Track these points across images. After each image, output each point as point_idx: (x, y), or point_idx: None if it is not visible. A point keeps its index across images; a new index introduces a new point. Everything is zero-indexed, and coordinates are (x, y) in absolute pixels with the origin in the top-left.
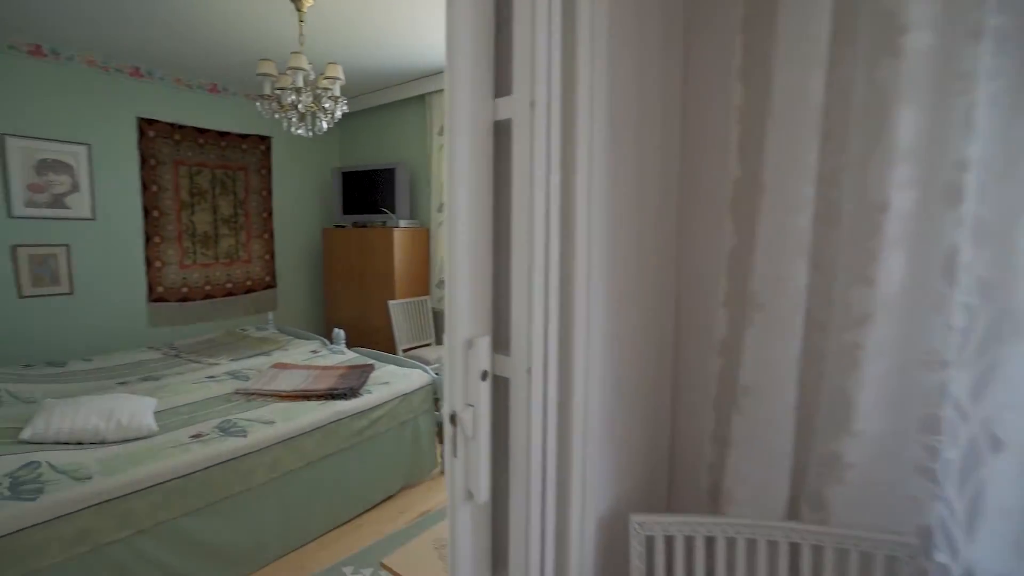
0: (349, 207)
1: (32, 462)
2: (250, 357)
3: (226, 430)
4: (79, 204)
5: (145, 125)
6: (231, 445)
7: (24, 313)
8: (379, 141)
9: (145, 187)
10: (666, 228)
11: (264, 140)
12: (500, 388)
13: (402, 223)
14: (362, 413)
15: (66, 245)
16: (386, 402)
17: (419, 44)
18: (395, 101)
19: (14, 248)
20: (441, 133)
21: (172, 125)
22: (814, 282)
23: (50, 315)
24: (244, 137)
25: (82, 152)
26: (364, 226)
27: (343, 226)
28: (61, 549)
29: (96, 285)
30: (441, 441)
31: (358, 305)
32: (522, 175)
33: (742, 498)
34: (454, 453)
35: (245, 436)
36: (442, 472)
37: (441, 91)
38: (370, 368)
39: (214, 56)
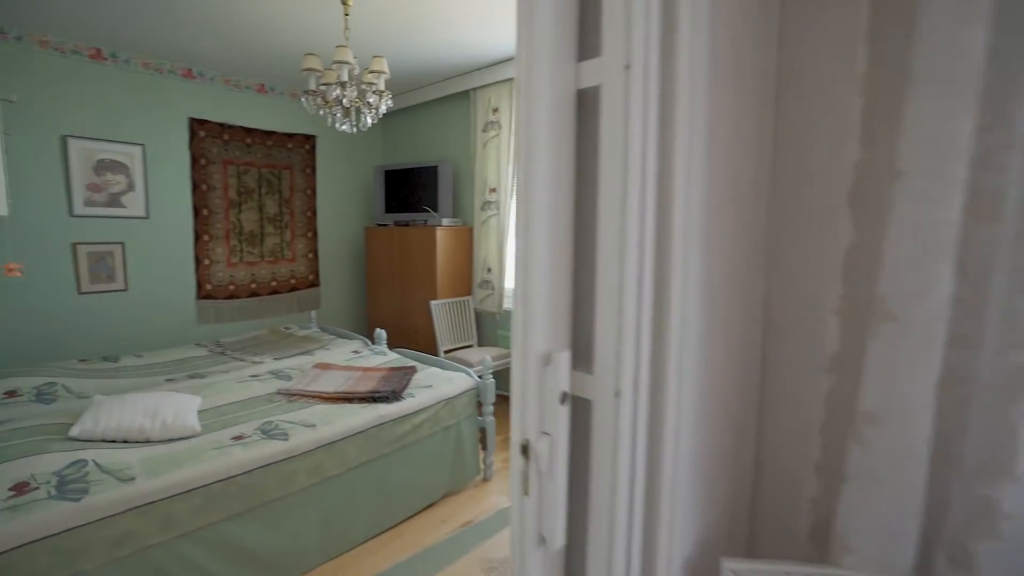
0: (391, 205)
1: (79, 460)
2: (293, 356)
3: (268, 432)
4: (134, 203)
5: (196, 125)
6: (272, 448)
7: (82, 309)
8: (422, 139)
9: (195, 186)
10: (756, 220)
11: (309, 139)
12: (579, 413)
13: (445, 222)
14: (404, 417)
15: (121, 243)
16: (429, 406)
17: (467, 37)
18: (439, 98)
19: (74, 246)
20: (485, 130)
21: (221, 125)
22: (960, 289)
23: (106, 311)
24: (290, 136)
25: (137, 152)
26: (406, 225)
27: (385, 225)
28: (103, 551)
29: (148, 282)
30: (484, 447)
31: (399, 304)
32: (613, 155)
33: (859, 545)
34: (525, 491)
35: (286, 439)
36: (485, 479)
37: (487, 86)
38: (412, 370)
39: (262, 55)
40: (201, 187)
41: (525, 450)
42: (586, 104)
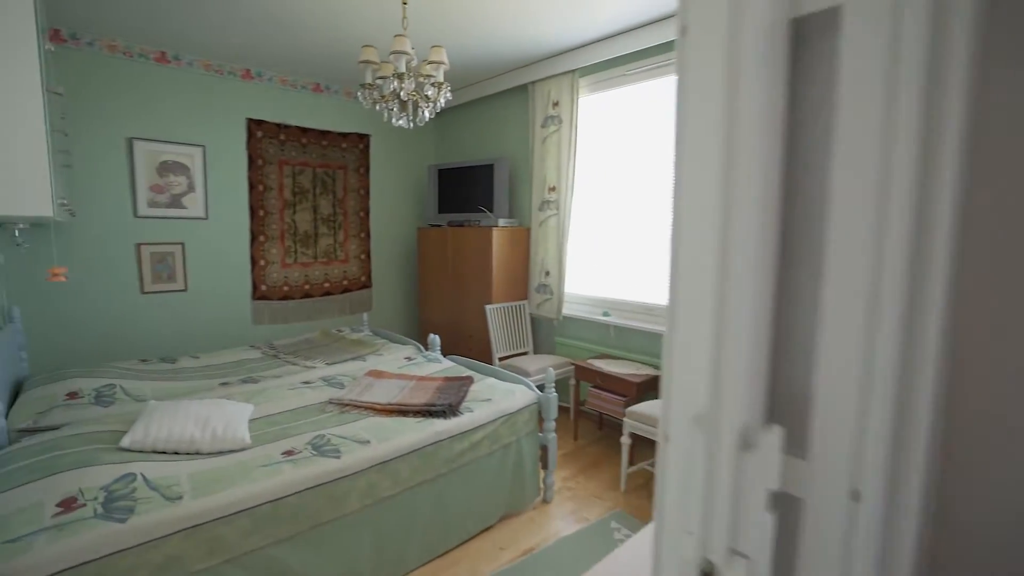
0: (445, 205)
1: (128, 474)
2: (345, 361)
3: (319, 448)
4: (194, 204)
5: (254, 126)
6: (324, 467)
7: (145, 308)
8: (477, 136)
9: (252, 187)
10: None
11: (363, 138)
12: (784, 517)
13: (501, 222)
14: (462, 434)
15: (181, 243)
16: (488, 423)
17: (526, 29)
18: (495, 93)
19: (138, 246)
20: (544, 125)
21: (278, 125)
22: None
23: (166, 311)
24: (344, 136)
25: (197, 153)
26: (460, 225)
27: (438, 225)
28: None
29: (206, 282)
30: (544, 466)
31: (452, 308)
32: (862, 118)
33: None
34: None
35: (339, 457)
36: (545, 500)
37: (547, 79)
38: (469, 381)
39: (318, 52)
40: (258, 188)
41: None
42: (806, 42)
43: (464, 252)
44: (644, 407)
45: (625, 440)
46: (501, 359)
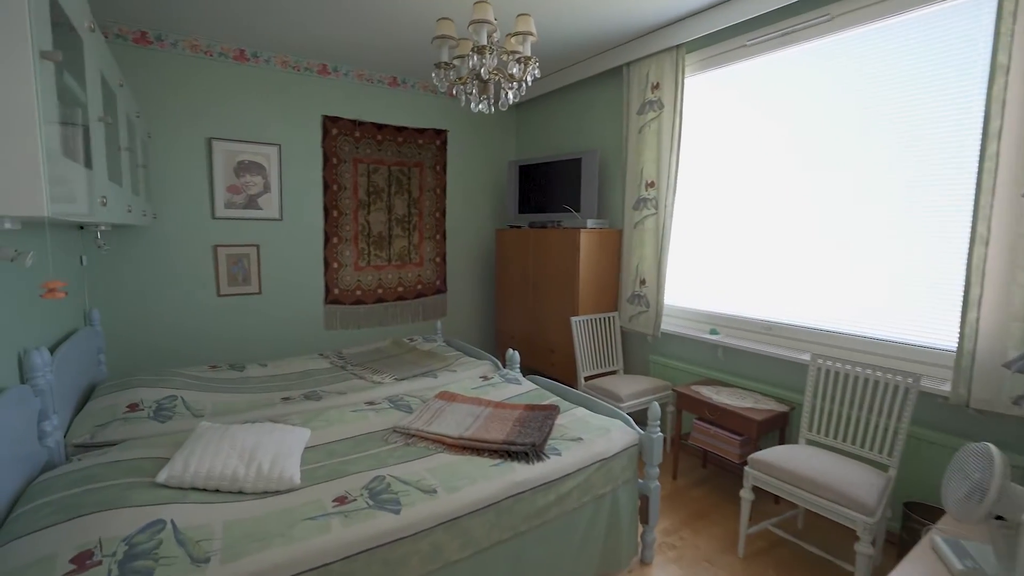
0: (526, 205)
1: (157, 521)
2: (415, 377)
3: (376, 496)
4: (269, 205)
5: (329, 123)
6: (380, 524)
7: (220, 311)
8: (562, 129)
9: (327, 187)
10: None
11: (440, 134)
12: None
13: (589, 223)
14: (548, 485)
15: (256, 245)
16: (579, 470)
17: (619, 2)
18: (582, 79)
19: (215, 248)
20: (641, 112)
21: (353, 122)
22: None
23: (240, 314)
24: (421, 132)
25: (273, 153)
26: (543, 227)
27: (518, 226)
28: None
29: (279, 285)
30: (644, 520)
31: (532, 318)
32: None
33: None
34: None
35: (398, 512)
36: (643, 561)
37: (645, 59)
38: (555, 412)
39: (395, 43)
40: (332, 187)
41: None
42: None
43: (547, 256)
44: (772, 456)
45: (747, 495)
46: (587, 378)
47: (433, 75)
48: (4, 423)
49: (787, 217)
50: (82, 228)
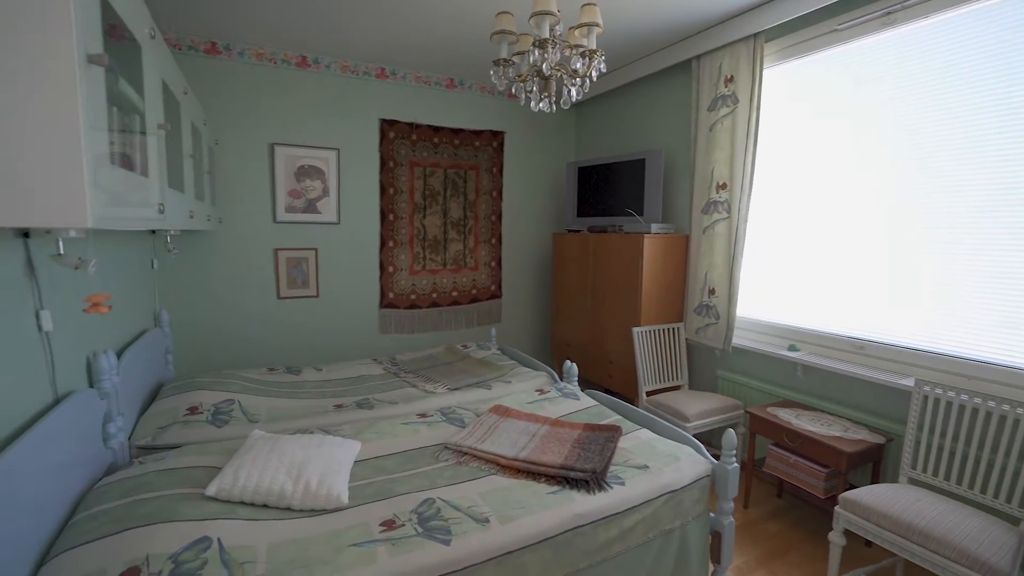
0: (585, 208)
1: (203, 539)
2: (468, 388)
3: (426, 522)
4: (327, 209)
5: (386, 126)
6: (429, 557)
7: (279, 314)
8: (624, 128)
9: (383, 190)
10: None
11: (497, 135)
12: None
13: (654, 228)
14: (611, 518)
15: (315, 249)
16: (646, 502)
17: None
18: (647, 75)
19: (276, 251)
20: (713, 108)
21: (410, 125)
22: None
23: (298, 317)
24: (477, 133)
25: (332, 157)
26: (603, 231)
27: (577, 230)
28: None
29: (336, 289)
30: (716, 559)
31: (591, 327)
32: None
33: None
34: None
35: (448, 542)
36: None
37: (718, 50)
38: (617, 434)
39: (452, 44)
40: (388, 191)
41: None
42: None
43: (607, 262)
44: (870, 497)
45: (837, 539)
46: (649, 393)
47: (492, 73)
48: (69, 427)
49: (883, 221)
50: (154, 233)
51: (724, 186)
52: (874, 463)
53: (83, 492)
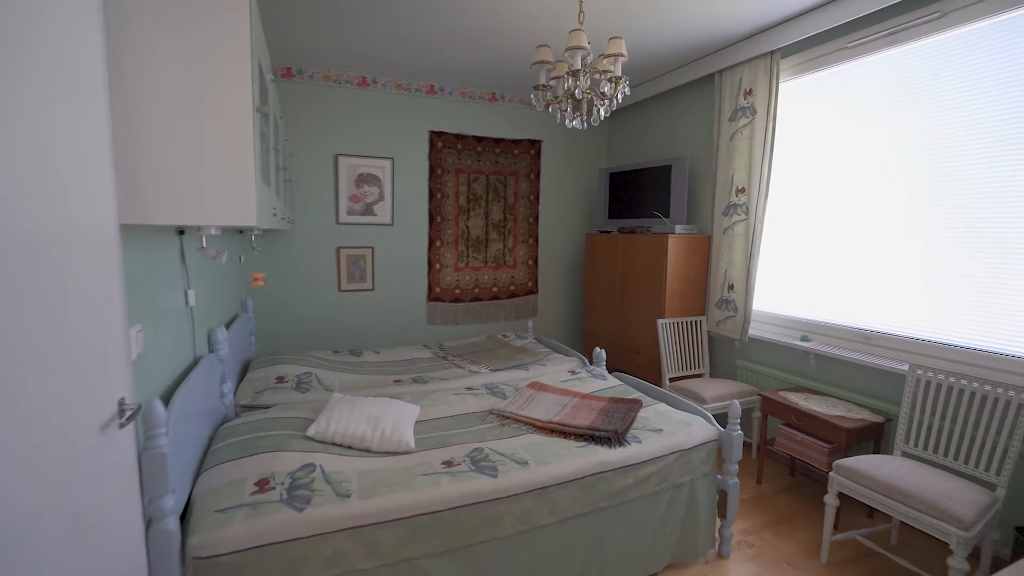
0: (616, 210)
1: (309, 464)
2: (508, 369)
3: (477, 463)
4: (383, 211)
5: (435, 137)
6: (481, 485)
7: (340, 304)
8: (652, 136)
9: (431, 195)
10: None
11: (535, 144)
12: None
13: (678, 228)
14: (628, 468)
15: (371, 247)
16: (658, 457)
17: (712, 10)
18: (674, 88)
19: (338, 250)
20: (733, 119)
21: (456, 135)
22: None
23: (356, 308)
24: (516, 142)
25: (387, 165)
26: (632, 231)
27: (608, 231)
28: (319, 568)
29: (389, 283)
30: (722, 515)
31: (620, 320)
32: None
33: None
34: None
35: (496, 476)
36: (720, 554)
37: (738, 66)
38: (637, 405)
39: (494, 63)
40: (436, 195)
41: None
42: None
43: (635, 260)
44: (860, 463)
45: (831, 501)
46: (672, 380)
47: (532, 96)
48: (203, 383)
49: (886, 221)
50: (241, 232)
51: (743, 190)
52: (875, 440)
53: (212, 432)
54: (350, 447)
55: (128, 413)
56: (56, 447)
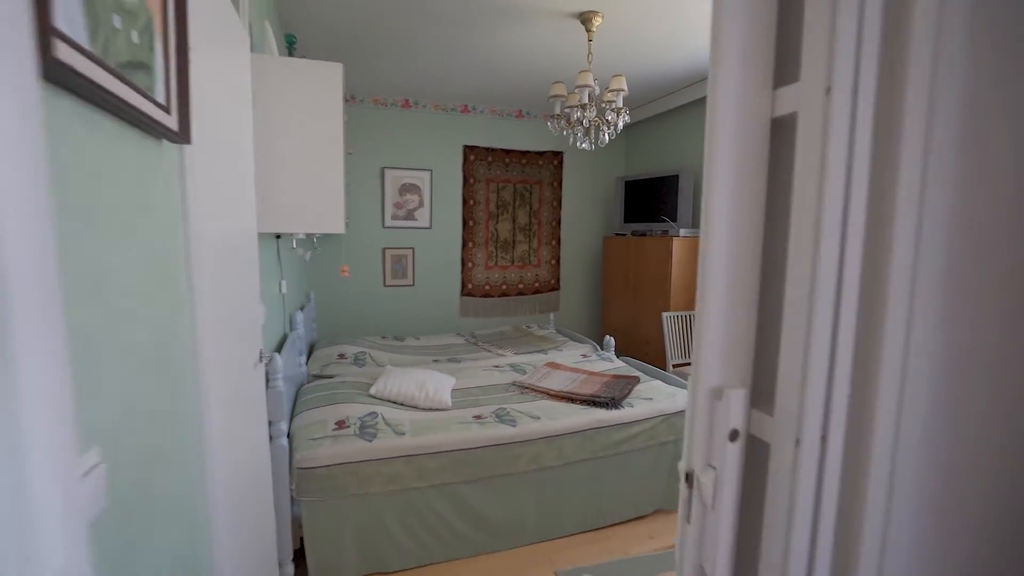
0: (630, 215)
1: (373, 412)
2: (529, 353)
3: (500, 417)
4: (422, 217)
5: (468, 151)
6: (502, 431)
7: (384, 298)
8: (662, 148)
9: (465, 202)
10: None
11: (557, 155)
12: (759, 452)
13: (683, 232)
14: (621, 425)
15: (412, 248)
16: (646, 419)
17: (707, 45)
18: (679, 106)
19: (383, 250)
20: None
21: (487, 149)
22: None
23: (398, 301)
24: (540, 154)
25: (426, 176)
26: (643, 235)
27: (623, 234)
28: (382, 483)
29: (427, 280)
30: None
31: (631, 313)
32: (806, 184)
33: None
34: (687, 518)
35: (514, 426)
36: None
37: None
38: (635, 380)
39: (520, 85)
40: (469, 202)
41: (689, 479)
42: (782, 133)
43: (645, 260)
44: None
45: None
46: (675, 366)
47: (548, 124)
48: (290, 353)
49: None
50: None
51: None
52: None
53: (297, 390)
54: (402, 404)
55: (265, 359)
56: (238, 373)
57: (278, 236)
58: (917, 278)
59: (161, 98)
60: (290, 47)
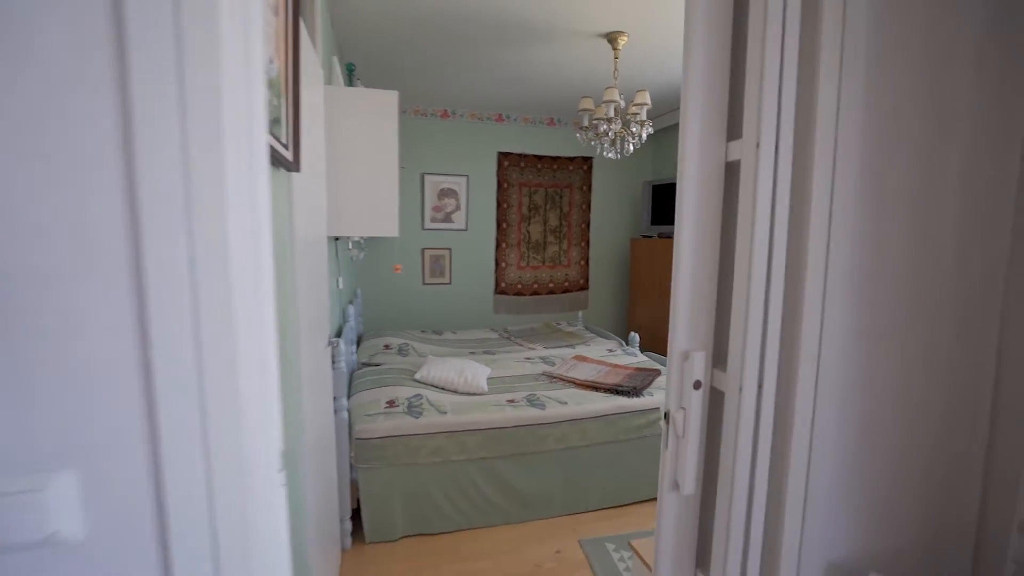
0: (656, 218)
1: (418, 394)
2: (559, 347)
3: (531, 401)
4: (459, 219)
5: (502, 157)
6: (532, 413)
7: (423, 295)
8: None
9: (499, 205)
10: (995, 233)
11: (587, 161)
12: (716, 398)
13: None
14: (641, 412)
15: (449, 249)
16: None
17: None
18: None
19: (423, 250)
20: None
21: (520, 155)
22: None
23: (436, 298)
24: (571, 160)
25: (463, 181)
26: (669, 236)
27: (649, 236)
28: (427, 455)
29: (463, 279)
30: None
31: (656, 311)
32: (746, 209)
33: None
34: (666, 445)
35: (543, 409)
36: None
37: None
38: (656, 373)
39: (551, 95)
40: (503, 206)
41: (667, 417)
42: (733, 174)
43: (670, 261)
44: None
45: None
46: None
47: (577, 135)
48: (346, 343)
49: None
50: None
51: None
52: None
53: (350, 375)
54: (443, 388)
55: (332, 343)
56: (315, 354)
57: (336, 239)
58: (829, 273)
59: (284, 138)
60: (350, 74)
